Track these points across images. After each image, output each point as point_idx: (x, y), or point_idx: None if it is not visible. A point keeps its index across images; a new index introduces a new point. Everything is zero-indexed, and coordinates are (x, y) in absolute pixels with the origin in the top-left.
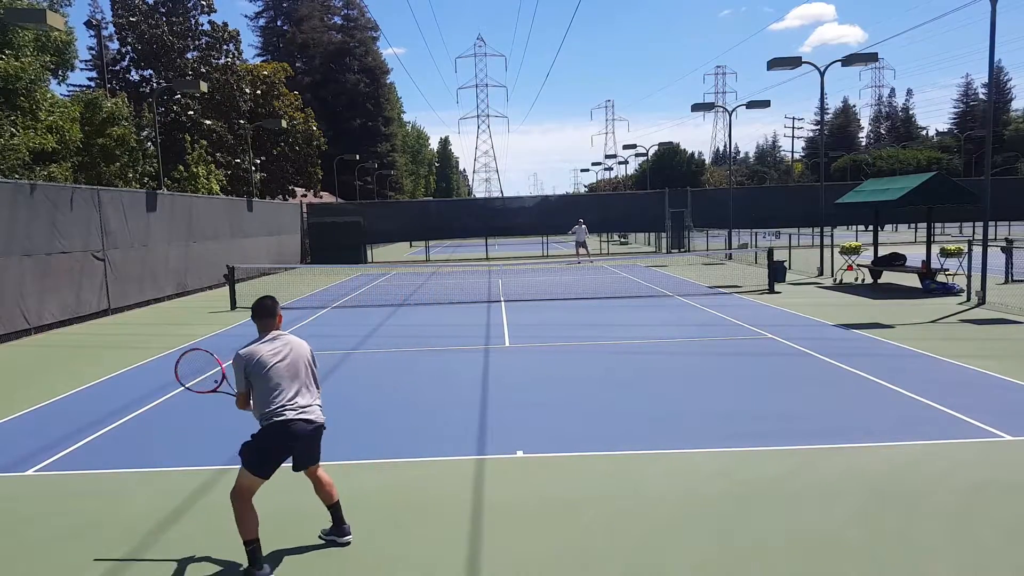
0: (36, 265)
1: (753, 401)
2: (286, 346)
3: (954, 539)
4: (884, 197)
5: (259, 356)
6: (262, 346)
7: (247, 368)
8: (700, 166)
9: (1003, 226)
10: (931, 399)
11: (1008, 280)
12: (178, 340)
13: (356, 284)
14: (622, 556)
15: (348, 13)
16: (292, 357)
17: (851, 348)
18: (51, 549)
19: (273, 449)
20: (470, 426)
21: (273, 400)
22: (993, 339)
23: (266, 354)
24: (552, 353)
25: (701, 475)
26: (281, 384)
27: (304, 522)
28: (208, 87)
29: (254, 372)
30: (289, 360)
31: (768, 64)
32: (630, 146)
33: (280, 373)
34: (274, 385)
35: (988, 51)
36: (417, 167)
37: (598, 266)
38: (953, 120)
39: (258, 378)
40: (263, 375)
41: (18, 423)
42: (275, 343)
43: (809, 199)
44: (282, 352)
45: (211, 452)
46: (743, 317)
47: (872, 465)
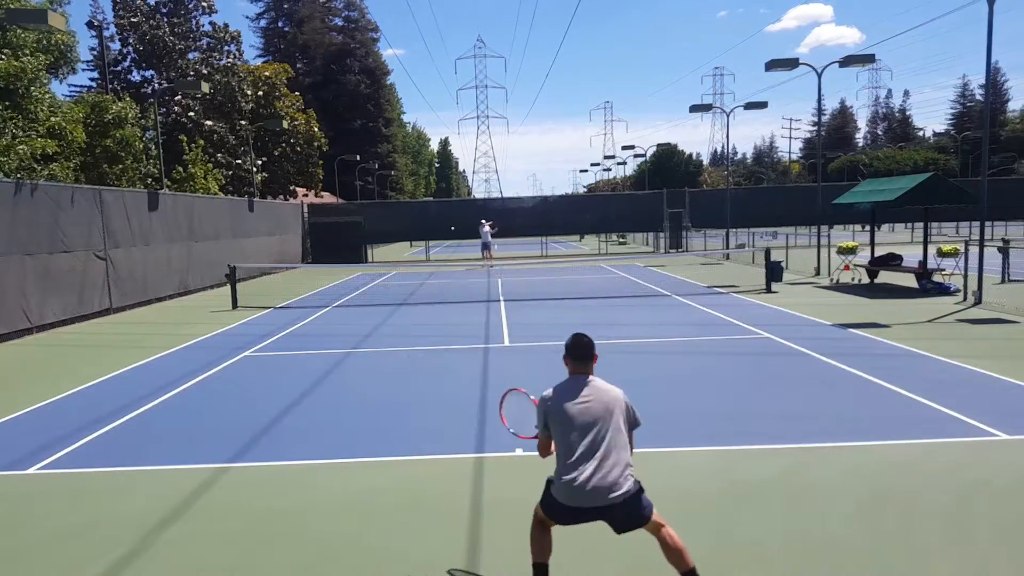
0: (38, 264)
1: (750, 401)
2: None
3: (952, 539)
4: (881, 197)
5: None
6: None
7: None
8: (698, 167)
9: (1000, 226)
10: (928, 399)
11: (1004, 280)
12: (179, 340)
13: (356, 284)
14: (622, 556)
15: (349, 15)
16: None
17: (848, 348)
18: (52, 547)
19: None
20: (469, 425)
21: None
22: (990, 339)
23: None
24: (551, 352)
25: (700, 475)
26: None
27: (304, 522)
28: (209, 88)
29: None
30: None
31: (766, 65)
32: (629, 147)
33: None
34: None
35: (985, 52)
36: (417, 168)
37: (598, 266)
38: (950, 121)
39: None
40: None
41: (20, 422)
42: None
43: (806, 199)
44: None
45: (212, 451)
46: (740, 317)
47: (870, 465)
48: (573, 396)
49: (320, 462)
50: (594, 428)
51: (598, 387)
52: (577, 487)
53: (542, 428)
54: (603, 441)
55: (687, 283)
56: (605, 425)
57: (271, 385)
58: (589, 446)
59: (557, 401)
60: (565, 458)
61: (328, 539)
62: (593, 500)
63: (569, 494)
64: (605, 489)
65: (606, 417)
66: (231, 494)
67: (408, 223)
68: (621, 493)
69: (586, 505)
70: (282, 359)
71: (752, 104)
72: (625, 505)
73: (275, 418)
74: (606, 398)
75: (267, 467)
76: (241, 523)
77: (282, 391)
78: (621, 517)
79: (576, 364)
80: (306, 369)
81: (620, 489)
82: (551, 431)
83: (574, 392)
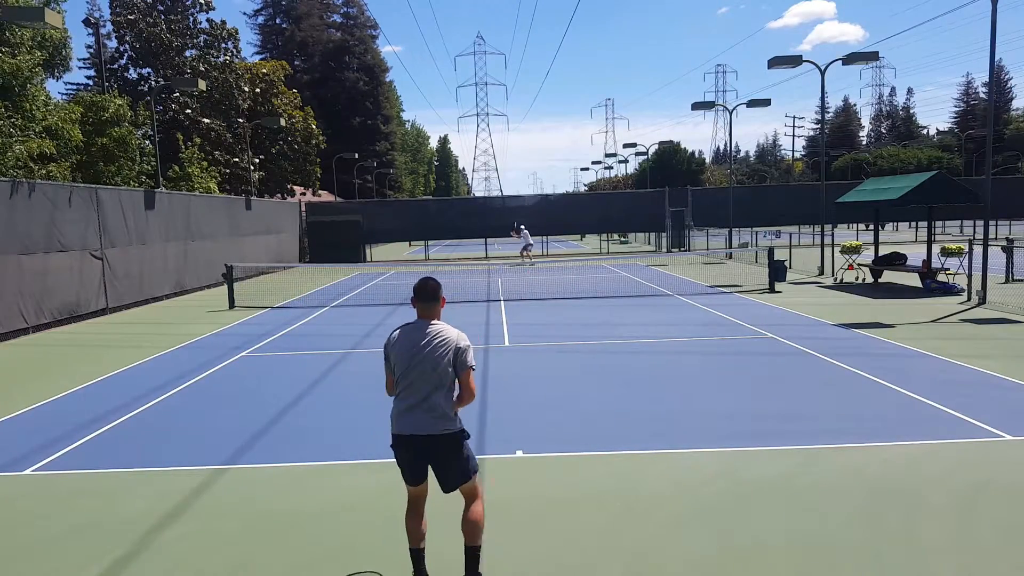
0: (34, 264)
1: (753, 401)
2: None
3: (954, 539)
4: (884, 196)
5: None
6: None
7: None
8: (700, 165)
9: (1003, 225)
10: (931, 399)
11: (1009, 279)
12: (176, 339)
13: (355, 283)
14: (622, 556)
15: (347, 11)
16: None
17: (851, 348)
18: (49, 549)
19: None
20: (469, 425)
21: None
22: (994, 339)
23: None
24: (551, 353)
25: (701, 475)
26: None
27: (305, 522)
28: (206, 85)
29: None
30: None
31: (769, 63)
32: (630, 145)
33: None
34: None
35: (989, 50)
36: (416, 166)
37: (599, 265)
38: (954, 119)
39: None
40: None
41: (16, 422)
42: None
43: (809, 198)
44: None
45: (210, 451)
46: (743, 316)
47: (872, 465)
48: (412, 337)
49: (319, 463)
50: (419, 368)
51: (437, 330)
52: (400, 414)
53: (386, 366)
54: (428, 381)
55: (689, 283)
56: (432, 367)
57: (269, 385)
58: (415, 383)
59: (398, 341)
60: (400, 394)
61: (328, 539)
62: (414, 428)
63: (397, 423)
64: (427, 422)
65: (435, 360)
66: (230, 494)
67: (407, 222)
68: (441, 427)
69: (407, 432)
70: (280, 359)
71: (755, 102)
72: (447, 442)
73: (273, 418)
74: (439, 342)
75: (266, 468)
76: (240, 523)
77: (280, 391)
78: (444, 458)
79: (422, 306)
80: (304, 369)
81: (440, 424)
82: (392, 369)
83: (414, 334)
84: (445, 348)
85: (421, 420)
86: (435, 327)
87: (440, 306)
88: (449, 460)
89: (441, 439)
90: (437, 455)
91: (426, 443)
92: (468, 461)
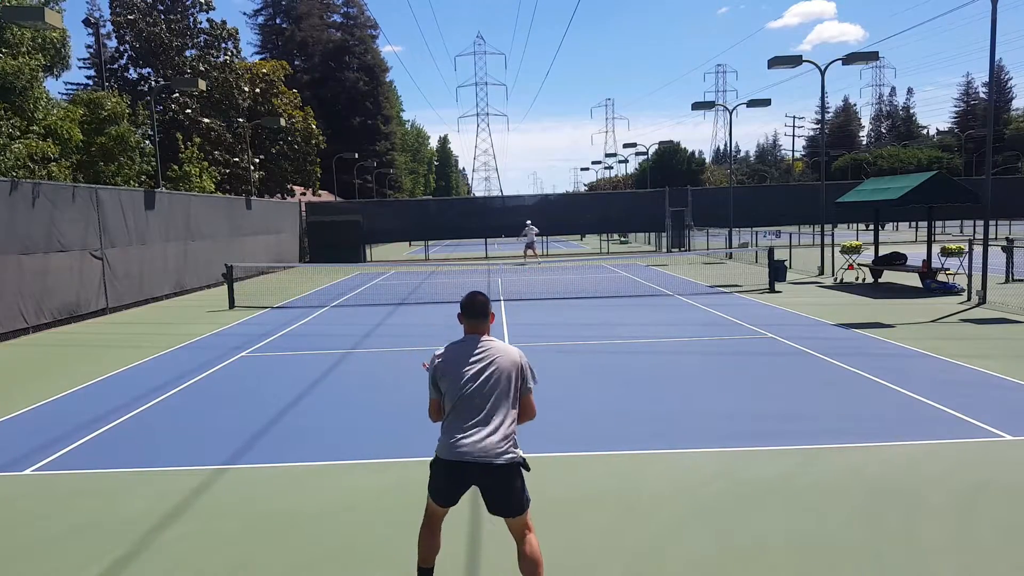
0: (34, 264)
1: (753, 401)
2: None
3: (954, 539)
4: (885, 196)
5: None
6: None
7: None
8: (700, 165)
9: (1003, 225)
10: (931, 399)
11: (1009, 279)
12: (176, 340)
13: (355, 283)
14: (622, 556)
15: (347, 11)
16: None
17: (851, 348)
18: (50, 549)
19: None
20: None
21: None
22: (994, 339)
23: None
24: (551, 352)
25: (701, 475)
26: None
27: (305, 522)
28: (206, 85)
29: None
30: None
31: (769, 63)
32: (630, 144)
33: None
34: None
35: (989, 50)
36: (416, 166)
37: (599, 265)
38: (954, 119)
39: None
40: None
41: (16, 422)
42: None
43: (810, 198)
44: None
45: (210, 451)
46: (743, 316)
47: (872, 465)
48: (465, 355)
49: (319, 463)
50: (481, 389)
51: (493, 347)
52: (456, 442)
53: (432, 389)
54: (488, 403)
55: (689, 283)
56: (493, 388)
57: (269, 385)
58: (476, 406)
59: (447, 360)
60: (451, 417)
61: (328, 539)
62: (472, 455)
63: (450, 449)
64: (486, 449)
65: (497, 379)
66: (230, 494)
67: (407, 222)
68: (501, 454)
69: (466, 459)
70: (280, 359)
71: (755, 101)
72: (503, 471)
73: (273, 418)
74: (500, 359)
75: (266, 468)
76: (240, 523)
77: (280, 391)
78: (497, 486)
79: (471, 322)
80: (304, 369)
81: (500, 450)
82: (441, 391)
83: (466, 352)
84: (508, 366)
85: (482, 446)
86: (490, 343)
87: (490, 322)
88: (507, 490)
89: (501, 468)
90: (494, 484)
91: (483, 471)
92: (524, 492)
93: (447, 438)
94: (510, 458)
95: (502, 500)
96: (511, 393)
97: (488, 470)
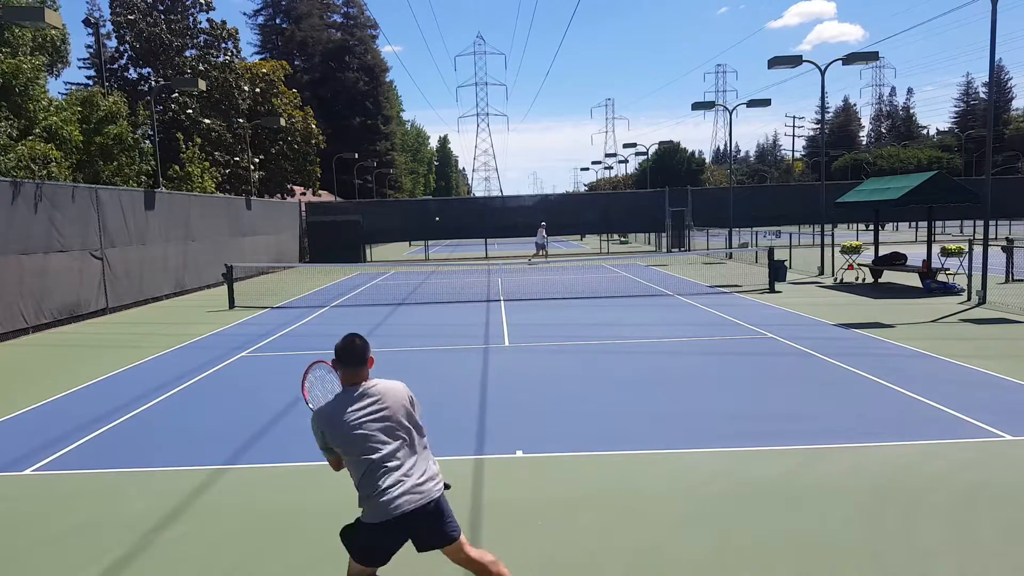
0: (34, 264)
1: (753, 401)
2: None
3: (954, 539)
4: (884, 196)
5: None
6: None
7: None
8: (700, 165)
9: (1003, 225)
10: (931, 399)
11: (1008, 279)
12: (176, 340)
13: (355, 283)
14: (622, 556)
15: (348, 11)
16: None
17: (851, 348)
18: (50, 549)
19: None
20: (469, 426)
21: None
22: (993, 339)
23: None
24: (552, 352)
25: (701, 475)
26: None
27: (305, 522)
28: (206, 85)
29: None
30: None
31: (769, 63)
32: (630, 145)
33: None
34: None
35: (989, 50)
36: (416, 166)
37: (599, 265)
38: (954, 119)
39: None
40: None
41: (16, 422)
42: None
43: (810, 198)
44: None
45: (210, 452)
46: (743, 316)
47: (872, 465)
48: (354, 414)
49: (319, 463)
50: (389, 443)
51: (378, 392)
52: (391, 500)
53: (325, 451)
54: (401, 450)
55: (689, 283)
56: (399, 434)
57: (269, 385)
58: (391, 459)
59: (334, 423)
60: (368, 479)
61: (328, 539)
62: (413, 502)
63: (385, 509)
64: (422, 491)
65: (398, 423)
66: (230, 494)
67: (407, 222)
68: (435, 486)
69: (407, 510)
70: (280, 359)
71: (755, 102)
72: (439, 501)
73: (273, 419)
74: (390, 402)
75: (266, 468)
76: (241, 523)
77: (280, 391)
78: (435, 518)
79: (349, 371)
80: (304, 369)
81: (433, 483)
82: (339, 453)
83: (354, 409)
84: (400, 406)
85: (420, 490)
86: (372, 388)
87: (370, 366)
88: (444, 516)
89: (437, 499)
90: (433, 518)
91: (423, 512)
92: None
93: (376, 499)
94: (441, 485)
95: (440, 530)
96: (414, 426)
97: (428, 509)
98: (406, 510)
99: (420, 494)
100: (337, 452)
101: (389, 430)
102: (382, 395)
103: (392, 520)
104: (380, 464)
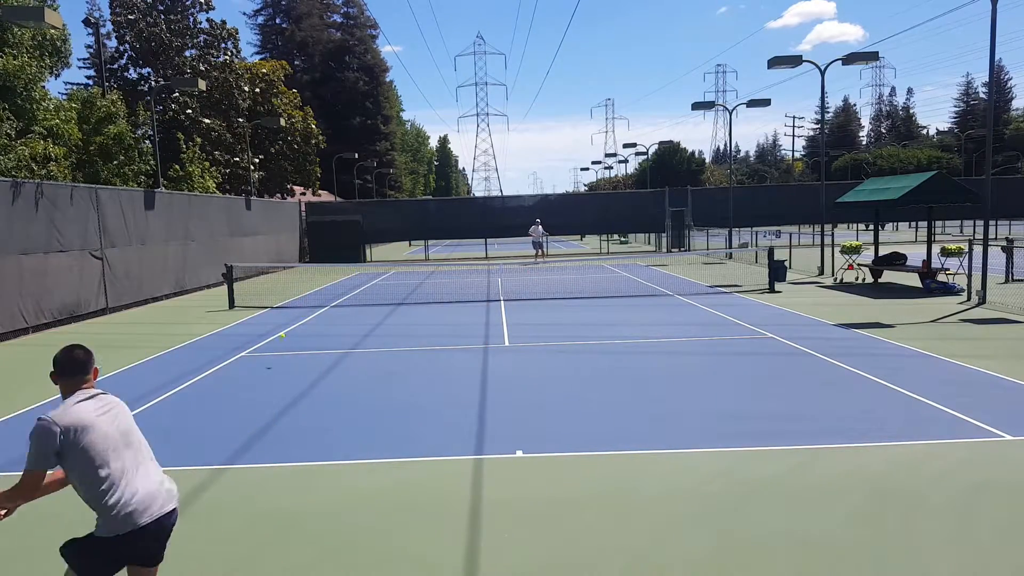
0: (34, 264)
1: (753, 401)
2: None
3: (954, 539)
4: (884, 196)
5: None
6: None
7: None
8: (700, 165)
9: (1003, 225)
10: (931, 399)
11: (1008, 279)
12: (176, 339)
13: (355, 283)
14: (622, 556)
15: (348, 11)
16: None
17: (851, 348)
18: (49, 549)
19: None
20: (469, 426)
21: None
22: (993, 339)
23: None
24: (552, 353)
25: (701, 475)
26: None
27: (305, 522)
28: (206, 85)
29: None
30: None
31: (768, 63)
32: (630, 145)
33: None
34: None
35: (989, 50)
36: (416, 166)
37: (599, 265)
38: (954, 119)
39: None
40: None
41: (16, 422)
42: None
43: (809, 198)
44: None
45: (210, 452)
46: (743, 316)
47: (872, 465)
48: (93, 416)
49: (319, 463)
50: (129, 444)
51: (106, 398)
52: (135, 507)
53: (42, 460)
54: (141, 452)
55: (689, 282)
56: (134, 435)
57: (269, 385)
58: (133, 460)
59: (71, 429)
60: (110, 485)
61: (328, 539)
62: (161, 507)
63: (136, 516)
64: (172, 492)
65: (131, 427)
66: (230, 494)
67: (407, 222)
68: (174, 507)
69: (155, 515)
70: (280, 359)
71: (755, 102)
72: (171, 521)
73: (273, 419)
74: (119, 407)
75: (266, 468)
76: (241, 523)
77: (280, 391)
78: (163, 539)
79: (71, 381)
80: (304, 369)
81: (173, 500)
82: (70, 464)
83: (90, 410)
84: (127, 412)
85: (167, 489)
86: (100, 394)
87: (95, 377)
88: (168, 534)
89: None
90: (168, 529)
91: (171, 515)
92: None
93: (123, 508)
94: (175, 504)
95: (162, 547)
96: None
97: (174, 513)
98: (163, 513)
99: (170, 495)
100: (59, 462)
101: (129, 436)
102: (111, 401)
103: (146, 526)
104: (124, 472)
